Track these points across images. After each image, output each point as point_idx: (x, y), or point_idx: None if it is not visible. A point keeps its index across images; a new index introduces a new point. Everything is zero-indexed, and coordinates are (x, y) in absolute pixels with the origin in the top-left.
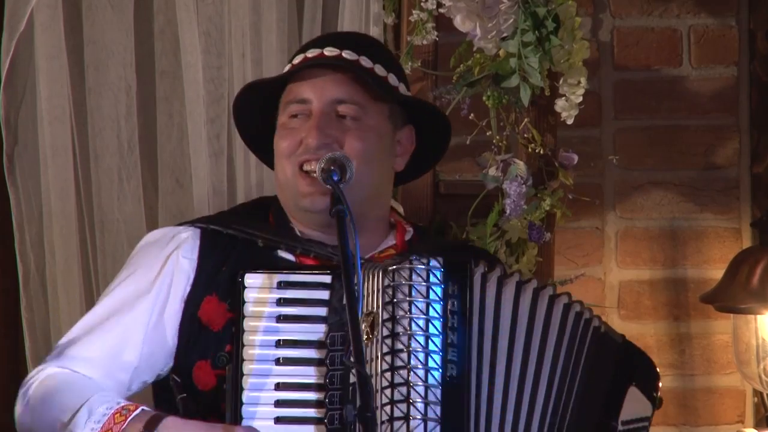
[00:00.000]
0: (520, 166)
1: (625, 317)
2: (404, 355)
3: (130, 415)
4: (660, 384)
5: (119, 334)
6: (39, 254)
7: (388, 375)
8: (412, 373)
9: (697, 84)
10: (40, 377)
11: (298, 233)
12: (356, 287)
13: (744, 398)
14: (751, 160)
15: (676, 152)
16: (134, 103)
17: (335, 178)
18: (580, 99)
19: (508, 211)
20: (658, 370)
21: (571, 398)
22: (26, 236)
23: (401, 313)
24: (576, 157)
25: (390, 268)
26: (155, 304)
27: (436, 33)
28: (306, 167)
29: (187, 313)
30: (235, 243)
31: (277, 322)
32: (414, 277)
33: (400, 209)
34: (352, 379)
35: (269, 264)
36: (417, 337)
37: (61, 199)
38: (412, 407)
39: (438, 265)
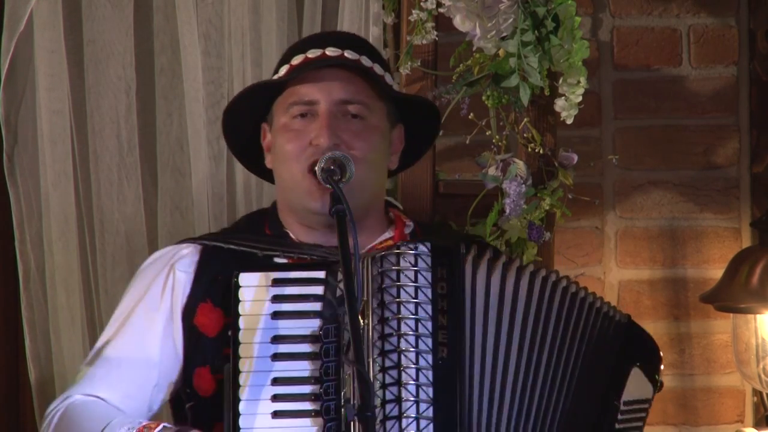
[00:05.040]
0: (519, 166)
1: None
2: (394, 339)
3: None
4: (662, 367)
5: (140, 357)
6: (39, 254)
7: (380, 360)
8: (402, 356)
9: (697, 84)
10: (63, 407)
11: (295, 240)
12: (356, 286)
13: (744, 398)
14: (751, 160)
15: (676, 152)
16: (134, 102)
17: (335, 178)
18: (580, 99)
19: (507, 211)
20: (661, 353)
21: (568, 375)
22: (26, 236)
23: (389, 298)
24: (576, 157)
25: (378, 255)
26: (166, 321)
27: (435, 33)
28: (316, 168)
29: (186, 324)
30: (236, 256)
31: (273, 318)
32: (402, 262)
33: (400, 209)
34: (347, 369)
35: (266, 268)
36: (407, 321)
37: (60, 199)
38: (403, 389)
39: (426, 250)
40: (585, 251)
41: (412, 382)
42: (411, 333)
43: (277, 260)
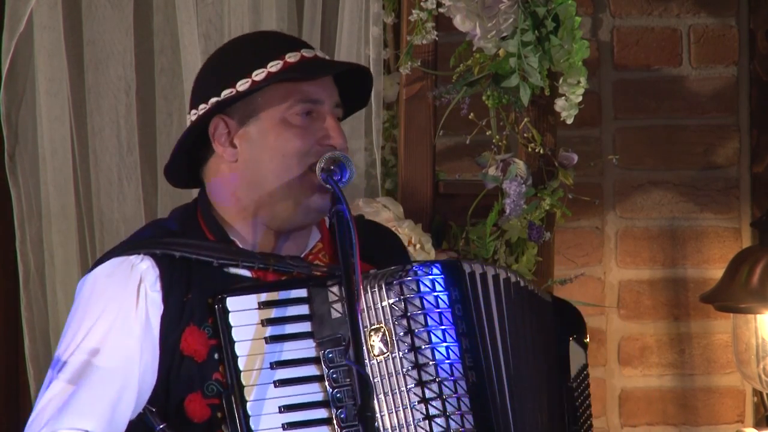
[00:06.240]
0: (519, 166)
1: (624, 317)
2: (431, 369)
3: None
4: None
5: (125, 386)
6: (39, 254)
7: (418, 390)
8: (443, 386)
9: (697, 84)
10: None
11: (240, 245)
12: (356, 288)
13: (744, 398)
14: (751, 160)
15: (676, 152)
16: (134, 102)
17: (335, 178)
18: (580, 99)
19: (507, 211)
20: (582, 315)
21: (545, 371)
22: (27, 236)
23: (418, 326)
24: (576, 157)
25: (395, 281)
26: (146, 347)
27: (435, 33)
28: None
29: (165, 347)
30: (189, 265)
31: (266, 343)
32: (422, 287)
33: (400, 209)
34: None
35: (229, 284)
36: (439, 349)
37: (60, 199)
38: (450, 420)
39: (439, 272)
40: (585, 251)
41: (458, 412)
42: (446, 361)
43: (233, 270)
